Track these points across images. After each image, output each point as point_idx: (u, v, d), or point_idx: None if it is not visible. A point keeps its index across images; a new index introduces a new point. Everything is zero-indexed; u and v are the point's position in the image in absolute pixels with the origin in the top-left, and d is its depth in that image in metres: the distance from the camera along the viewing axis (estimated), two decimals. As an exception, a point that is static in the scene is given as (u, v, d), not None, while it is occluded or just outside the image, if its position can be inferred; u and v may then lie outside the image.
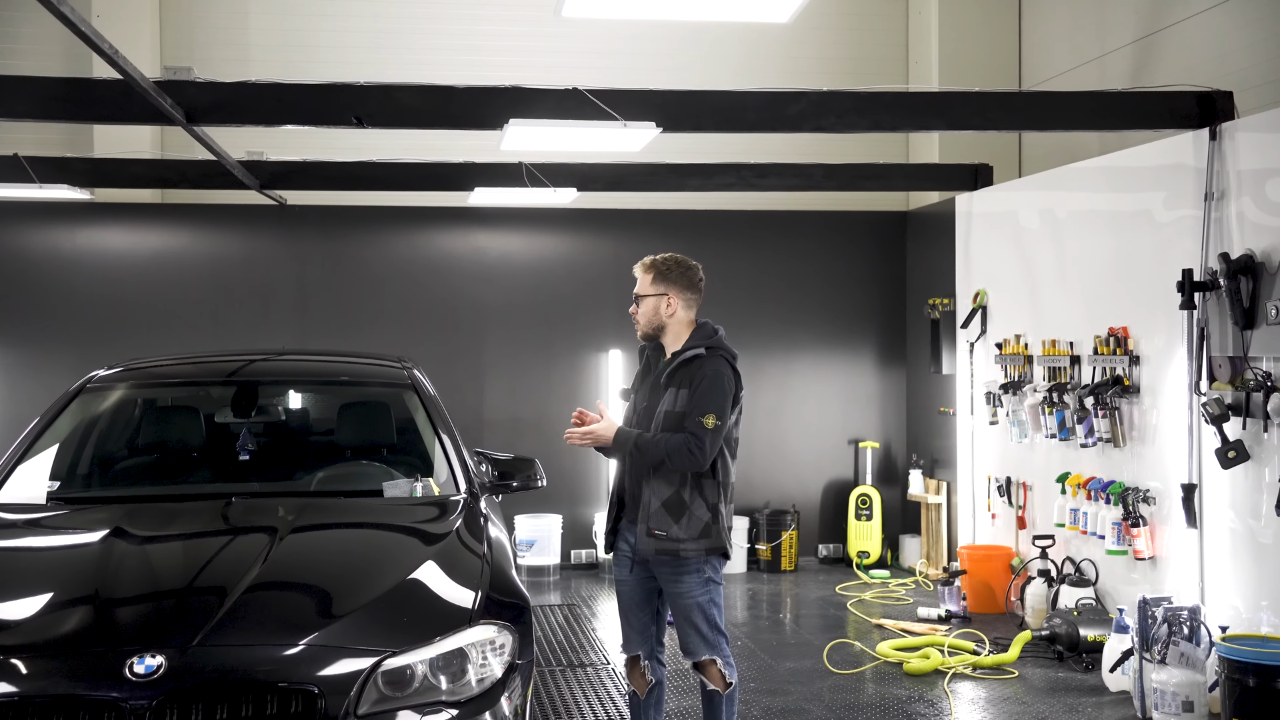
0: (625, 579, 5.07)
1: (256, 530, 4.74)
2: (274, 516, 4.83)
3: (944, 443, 9.94)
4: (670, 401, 4.86)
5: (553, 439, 10.29)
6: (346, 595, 4.14)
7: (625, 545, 5.06)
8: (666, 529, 4.83)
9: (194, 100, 6.02)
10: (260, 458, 5.68)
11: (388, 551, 4.58)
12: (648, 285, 4.98)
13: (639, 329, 5.02)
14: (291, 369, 6.34)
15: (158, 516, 4.92)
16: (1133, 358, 7.26)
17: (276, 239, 10.13)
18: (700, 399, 4.79)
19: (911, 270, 10.63)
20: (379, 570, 4.34)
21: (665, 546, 4.83)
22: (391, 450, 5.84)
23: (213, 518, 4.92)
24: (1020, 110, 6.68)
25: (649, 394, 4.99)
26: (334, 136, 9.53)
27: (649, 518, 4.85)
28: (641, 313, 4.99)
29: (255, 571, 4.20)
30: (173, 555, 4.59)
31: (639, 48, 10.16)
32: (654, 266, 4.99)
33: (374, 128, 6.26)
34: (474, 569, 4.44)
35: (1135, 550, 7.13)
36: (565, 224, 10.36)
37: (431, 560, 4.44)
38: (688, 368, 4.88)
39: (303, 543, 4.63)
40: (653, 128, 6.07)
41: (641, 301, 4.98)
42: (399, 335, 10.06)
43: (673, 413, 4.84)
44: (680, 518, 4.83)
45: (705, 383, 4.81)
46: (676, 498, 4.84)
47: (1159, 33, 8.24)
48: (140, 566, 4.37)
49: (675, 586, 4.92)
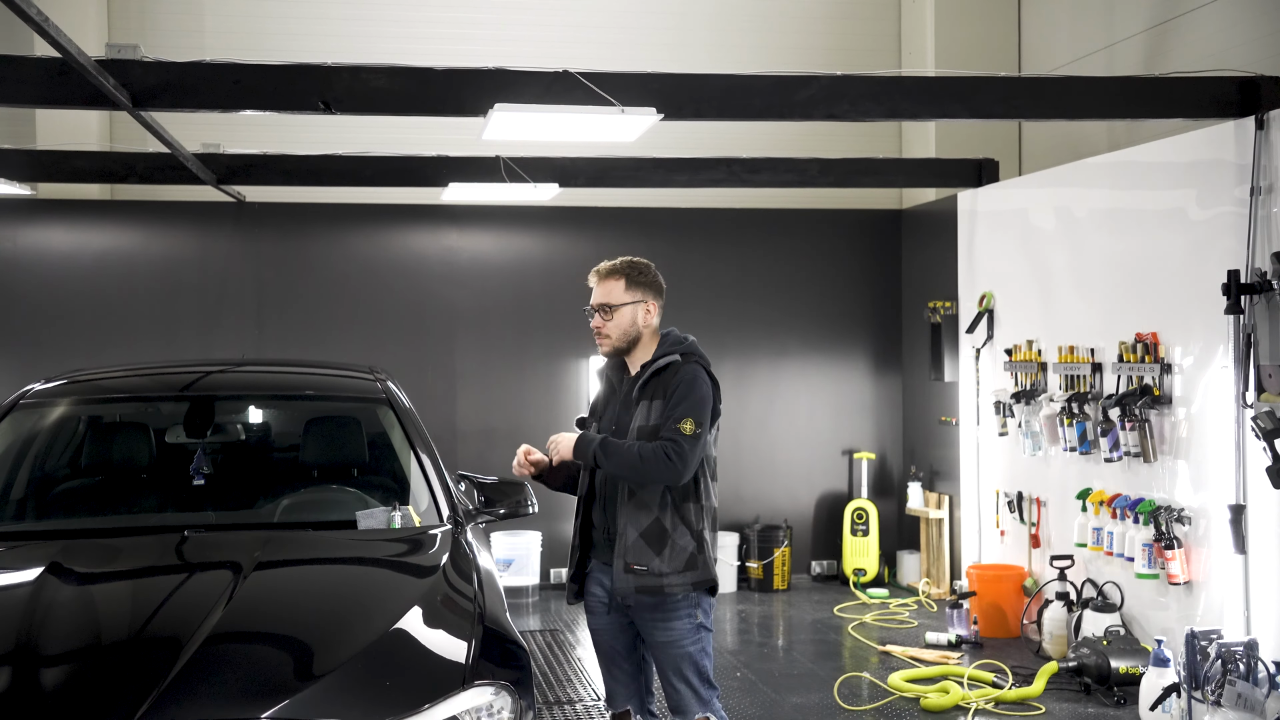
0: (602, 626, 4.49)
1: (214, 570, 4.13)
2: (233, 554, 4.21)
3: (945, 454, 9.40)
4: (643, 415, 4.31)
5: (530, 451, 9.70)
6: (321, 652, 3.54)
7: (598, 589, 4.48)
8: (647, 562, 4.26)
9: (140, 81, 5.38)
10: (216, 483, 5.04)
11: (366, 596, 3.96)
12: (621, 293, 4.40)
13: (608, 344, 4.43)
14: (251, 382, 5.69)
15: (99, 553, 4.31)
16: (1164, 366, 6.73)
17: (234, 239, 9.45)
18: (676, 405, 4.25)
19: (908, 271, 10.09)
20: (357, 620, 3.74)
21: (646, 583, 4.26)
22: (364, 473, 5.23)
23: (163, 554, 4.31)
24: (1050, 97, 6.14)
25: (618, 414, 4.42)
26: (297, 128, 8.89)
27: (626, 551, 4.27)
28: (615, 325, 4.40)
29: (213, 621, 3.60)
30: (116, 601, 3.98)
31: (623, 37, 9.56)
32: (624, 271, 4.42)
33: (342, 113, 5.64)
34: (465, 616, 3.86)
35: (1169, 574, 6.60)
36: (542, 222, 9.76)
37: (417, 606, 3.84)
38: (660, 378, 4.35)
39: (267, 587, 4.01)
40: (653, 114, 5.48)
41: (615, 312, 4.39)
42: (365, 341, 9.43)
43: (646, 427, 4.29)
44: (662, 549, 4.26)
45: (681, 388, 4.28)
46: (656, 526, 4.27)
47: (1174, 20, 7.73)
48: (76, 615, 3.75)
49: (661, 635, 4.33)
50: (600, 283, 4.43)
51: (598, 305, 4.41)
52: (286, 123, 8.92)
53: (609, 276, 4.42)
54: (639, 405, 4.34)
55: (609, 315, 4.40)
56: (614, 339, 4.40)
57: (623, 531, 4.29)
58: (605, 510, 4.41)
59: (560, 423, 9.75)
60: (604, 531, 4.41)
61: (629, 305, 4.39)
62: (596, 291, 4.43)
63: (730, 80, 5.81)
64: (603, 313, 4.41)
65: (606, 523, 4.40)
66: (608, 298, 4.40)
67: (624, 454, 4.22)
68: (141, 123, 5.96)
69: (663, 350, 4.41)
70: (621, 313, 4.39)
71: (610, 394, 4.51)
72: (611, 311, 4.39)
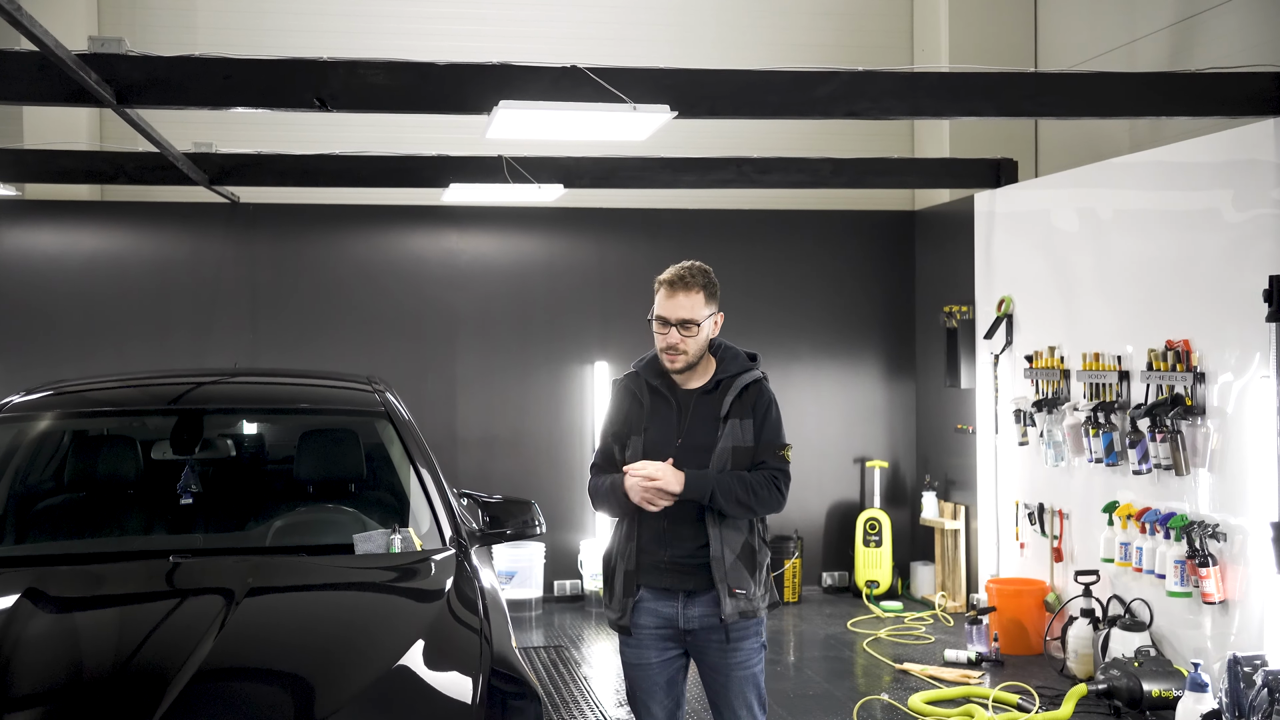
0: (651, 661, 4.16)
1: (203, 597, 3.84)
2: (222, 581, 3.93)
3: (961, 462, 9.11)
4: (736, 434, 4.05)
5: (532, 459, 9.44)
6: (321, 692, 3.27)
7: (650, 619, 4.15)
8: (745, 586, 4.05)
9: (126, 77, 5.09)
10: (205, 502, 4.74)
11: (365, 630, 3.67)
12: (703, 307, 4.07)
13: (683, 361, 4.07)
14: (242, 394, 5.37)
15: (78, 579, 4.02)
16: (1196, 374, 6.44)
17: (227, 241, 9.15)
18: (774, 430, 4.09)
19: (921, 274, 9.80)
20: (357, 657, 3.45)
21: (744, 607, 4.06)
22: (361, 492, 4.93)
23: (148, 580, 4.02)
24: (1079, 93, 5.85)
25: (686, 430, 4.11)
26: (291, 127, 8.60)
27: (726, 575, 4.02)
28: (695, 341, 4.07)
29: (202, 655, 3.32)
30: (95, 632, 3.69)
31: (626, 33, 9.26)
32: (704, 283, 4.09)
33: (339, 111, 5.35)
34: (471, 651, 3.57)
35: (1204, 593, 6.31)
36: (545, 224, 9.47)
37: (421, 641, 3.56)
38: (744, 396, 4.10)
39: (259, 618, 3.72)
40: (666, 111, 5.20)
41: (698, 328, 4.06)
42: (363, 347, 9.14)
43: (743, 448, 4.05)
44: (754, 570, 4.09)
45: (772, 409, 4.11)
46: (747, 548, 4.08)
47: (1198, 15, 7.45)
48: (52, 648, 3.47)
49: (731, 658, 4.10)
50: (679, 295, 4.05)
51: (680, 320, 4.04)
52: (281, 121, 8.65)
53: (690, 289, 4.05)
54: (728, 423, 4.06)
55: (691, 332, 4.05)
56: (690, 355, 4.08)
57: (719, 555, 4.02)
58: (670, 533, 4.08)
59: (565, 430, 9.48)
60: (665, 554, 4.09)
61: (708, 320, 4.10)
62: (673, 304, 4.04)
63: (746, 76, 5.53)
64: (684, 329, 4.04)
65: (669, 545, 4.08)
66: (692, 313, 4.04)
67: (738, 492, 3.98)
68: (128, 120, 5.68)
69: (738, 365, 4.15)
70: (703, 329, 4.08)
71: (656, 407, 4.17)
72: (696, 328, 4.06)
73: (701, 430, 4.09)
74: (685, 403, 4.14)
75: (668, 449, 4.08)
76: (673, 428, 4.13)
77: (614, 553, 4.22)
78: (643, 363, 4.26)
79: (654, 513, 4.07)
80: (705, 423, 4.09)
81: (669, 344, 4.08)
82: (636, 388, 4.21)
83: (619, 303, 9.49)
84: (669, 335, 4.07)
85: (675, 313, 4.06)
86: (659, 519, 4.08)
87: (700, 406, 4.12)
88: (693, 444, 4.07)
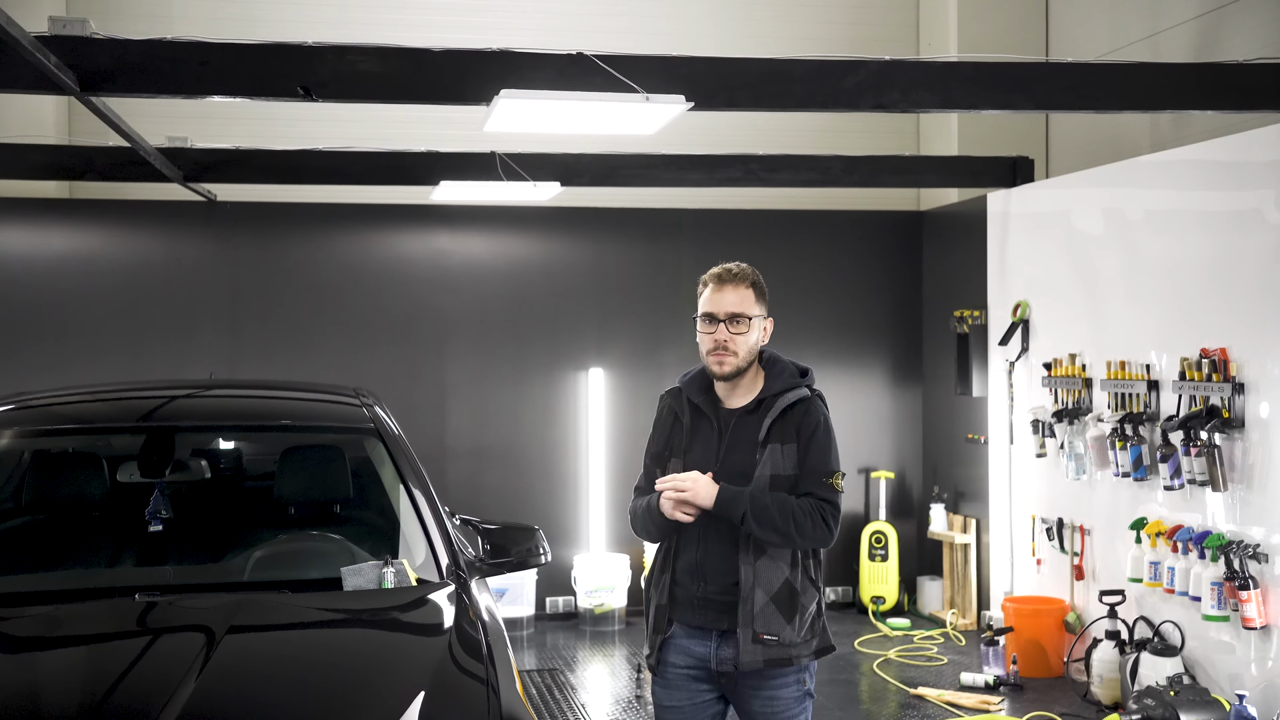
0: (680, 704, 3.76)
1: (179, 635, 3.45)
2: (200, 618, 3.53)
3: (972, 473, 8.73)
4: (777, 461, 3.64)
5: (525, 470, 9.04)
6: None
7: (681, 658, 3.75)
8: (778, 631, 3.61)
9: (91, 62, 4.65)
10: (176, 530, 4.31)
11: (363, 679, 3.26)
12: (752, 303, 3.72)
13: (732, 364, 3.68)
14: (218, 409, 4.93)
15: (36, 619, 3.61)
16: (1235, 385, 6.07)
17: (204, 241, 8.70)
18: (821, 455, 3.66)
19: (929, 278, 9.42)
20: (354, 710, 3.07)
21: (775, 655, 3.62)
22: (349, 517, 4.52)
23: (115, 619, 3.61)
24: (1126, 85, 5.44)
25: (724, 454, 3.70)
26: (272, 121, 8.19)
27: (754, 618, 3.60)
28: (745, 341, 3.69)
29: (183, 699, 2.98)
30: (61, 677, 3.32)
31: (612, 25, 8.85)
32: (754, 280, 3.76)
33: (326, 100, 4.92)
34: (477, 706, 3.19)
35: (1244, 618, 5.93)
36: (540, 224, 9.05)
37: (423, 693, 3.16)
38: (787, 417, 3.67)
39: (244, 659, 3.34)
40: (682, 102, 4.80)
41: (749, 324, 3.70)
42: (349, 352, 8.72)
43: (782, 476, 3.63)
44: (793, 615, 3.63)
45: (820, 432, 3.68)
46: (787, 589, 3.63)
47: (1226, 6, 7.09)
48: (11, 695, 3.09)
49: (762, 705, 3.69)
50: (727, 289, 3.71)
51: (729, 315, 3.68)
52: (261, 114, 8.23)
53: (740, 283, 3.72)
54: (767, 448, 3.65)
55: (742, 328, 3.68)
56: (740, 357, 3.68)
57: (748, 595, 3.60)
58: (704, 565, 3.68)
59: (559, 440, 9.07)
60: (697, 589, 3.69)
61: (758, 318, 3.72)
62: (721, 298, 3.70)
63: (767, 66, 5.12)
64: (733, 324, 3.67)
65: (700, 580, 3.69)
66: (742, 307, 3.69)
67: (774, 517, 3.56)
68: (95, 111, 5.26)
69: (784, 381, 3.73)
70: (753, 327, 3.70)
71: (698, 427, 3.77)
72: (746, 323, 3.69)
73: (740, 456, 3.69)
74: (726, 424, 3.74)
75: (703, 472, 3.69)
76: (712, 451, 3.73)
77: (649, 584, 3.84)
78: (687, 377, 3.86)
79: (690, 543, 3.68)
80: (744, 447, 3.69)
81: (716, 343, 3.69)
82: (678, 405, 3.82)
83: (617, 307, 9.09)
84: (717, 333, 3.69)
85: (724, 307, 3.69)
86: (694, 549, 3.69)
87: (740, 429, 3.72)
88: (730, 470, 3.66)
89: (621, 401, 9.11)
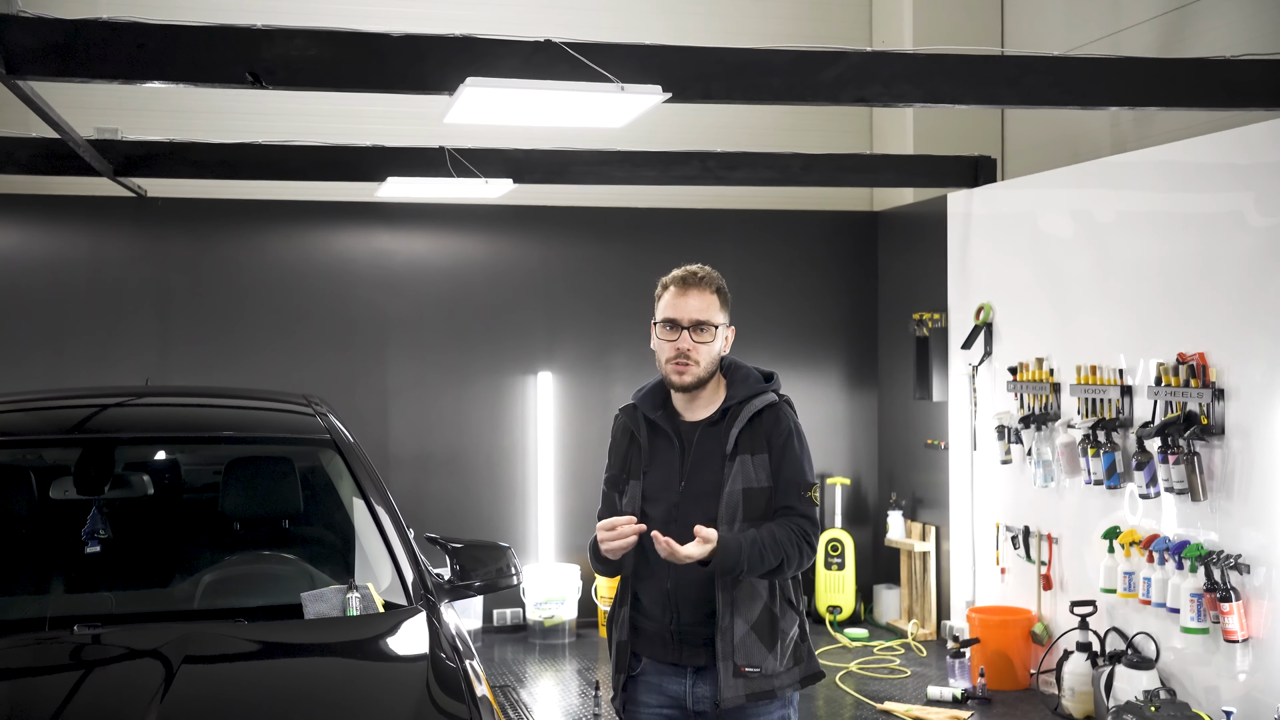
0: None
1: (124, 682, 3.10)
2: (145, 657, 3.18)
3: (931, 479, 8.54)
4: (748, 474, 3.37)
5: (470, 478, 8.72)
6: None
7: (652, 697, 3.47)
8: (759, 662, 3.34)
9: (15, 42, 4.26)
10: (118, 552, 3.95)
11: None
12: (716, 310, 3.44)
13: (692, 375, 3.41)
14: (162, 419, 4.53)
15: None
16: (1215, 391, 5.91)
17: (134, 239, 8.26)
18: (796, 466, 3.40)
19: (886, 280, 9.23)
20: None
21: (758, 688, 3.35)
22: (305, 536, 4.18)
23: (52, 655, 3.25)
24: (1119, 82, 5.24)
25: (689, 472, 3.42)
26: (208, 113, 7.82)
27: (734, 650, 3.32)
28: (709, 350, 3.42)
29: None
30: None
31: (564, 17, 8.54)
32: (718, 284, 3.48)
33: (276, 87, 4.58)
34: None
35: (1226, 630, 5.78)
36: (487, 223, 8.72)
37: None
38: (755, 425, 3.40)
39: (206, 689, 3.01)
40: (658, 92, 4.52)
41: (715, 332, 3.42)
42: (286, 357, 8.33)
43: (756, 489, 3.36)
44: (774, 643, 3.36)
45: (792, 441, 3.41)
46: (766, 615, 3.36)
47: (1191, 4, 6.96)
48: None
49: None
50: (691, 293, 3.42)
51: (693, 322, 3.40)
52: (196, 107, 7.83)
53: (705, 288, 3.43)
54: (735, 460, 3.37)
55: (707, 336, 3.40)
56: (703, 367, 3.41)
57: (727, 626, 3.33)
58: (673, 595, 3.39)
59: (506, 447, 8.75)
60: (668, 623, 3.41)
61: (722, 327, 3.45)
62: (686, 304, 3.41)
63: (745, 56, 4.85)
64: (697, 332, 3.40)
65: (673, 612, 3.40)
66: (707, 313, 3.41)
67: (769, 558, 3.28)
68: (20, 96, 4.85)
69: (748, 387, 3.45)
70: (717, 336, 3.43)
71: (656, 445, 3.49)
72: (712, 332, 3.41)
73: (707, 471, 3.41)
74: (689, 438, 3.46)
75: (670, 494, 3.40)
76: (675, 470, 3.44)
77: (610, 619, 3.55)
78: (642, 392, 3.57)
79: (656, 572, 3.39)
80: (710, 462, 3.41)
81: (678, 351, 3.40)
82: (633, 424, 3.53)
83: (567, 310, 8.79)
84: (679, 340, 3.40)
85: (687, 313, 3.40)
86: (662, 578, 3.39)
87: (705, 441, 3.44)
88: (698, 488, 3.38)
89: (571, 406, 8.82)
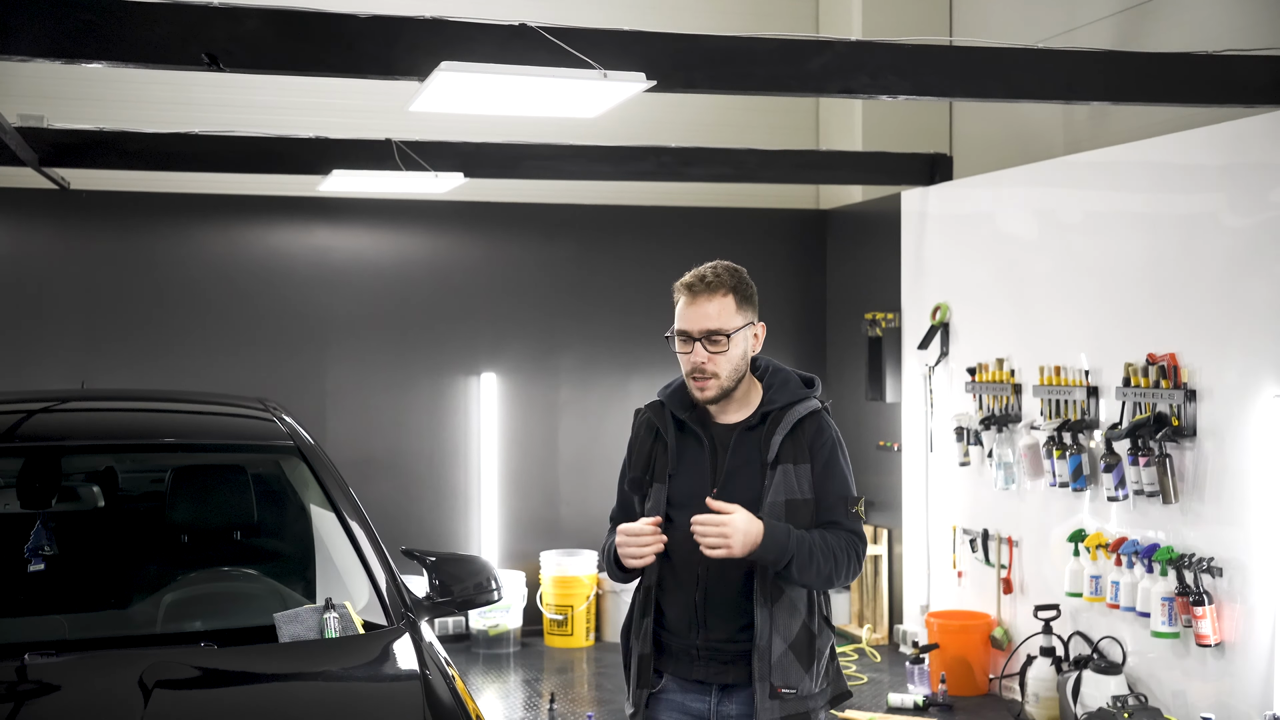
0: None
1: (89, 704, 2.81)
2: (112, 687, 2.90)
3: (882, 482, 8.42)
4: (790, 485, 3.14)
5: (411, 481, 8.42)
6: None
7: (677, 715, 3.23)
8: (796, 683, 3.13)
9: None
10: (67, 571, 3.64)
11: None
12: (732, 314, 3.17)
13: (715, 388, 3.16)
14: (115, 425, 4.20)
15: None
16: (1187, 392, 5.84)
17: (57, 235, 7.86)
18: (843, 479, 3.19)
19: (835, 279, 9.10)
20: None
21: (793, 710, 3.14)
22: (271, 551, 3.91)
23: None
24: (1117, 75, 5.11)
25: (724, 478, 3.19)
26: (140, 102, 7.47)
27: (771, 670, 3.10)
28: (728, 360, 3.16)
29: None
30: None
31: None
32: (733, 284, 3.19)
33: (232, 70, 4.29)
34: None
35: (1199, 635, 5.70)
36: (432, 219, 8.43)
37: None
38: (798, 434, 3.18)
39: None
40: (642, 79, 4.31)
41: (729, 341, 3.16)
42: (219, 357, 7.99)
43: (798, 502, 3.13)
44: (811, 662, 3.16)
45: (838, 453, 3.20)
46: (805, 634, 3.15)
47: (1151, 1, 6.91)
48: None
49: None
50: (702, 301, 3.17)
51: (705, 332, 3.14)
52: (127, 95, 7.47)
53: (716, 291, 3.17)
54: (776, 470, 3.14)
55: (721, 346, 3.15)
56: (724, 378, 3.16)
57: (765, 645, 3.10)
58: (701, 608, 3.17)
59: (449, 450, 8.47)
60: (697, 637, 3.18)
61: (741, 331, 3.18)
62: (695, 312, 3.16)
63: (728, 44, 4.65)
64: (711, 343, 3.14)
65: (703, 625, 3.17)
66: (720, 322, 3.14)
67: (819, 558, 3.06)
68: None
69: (789, 392, 3.23)
70: (735, 342, 3.16)
71: (685, 446, 3.25)
72: (726, 340, 3.15)
73: (743, 478, 3.18)
74: (723, 442, 3.22)
75: (699, 501, 3.13)
76: (706, 475, 3.21)
77: (626, 630, 3.31)
78: (669, 389, 3.33)
79: (685, 583, 3.17)
80: (748, 469, 3.18)
81: (694, 365, 3.16)
82: (660, 421, 3.29)
83: (512, 309, 8.53)
84: (694, 354, 3.16)
85: (698, 323, 3.15)
86: (691, 589, 3.17)
87: (741, 447, 3.21)
88: (733, 497, 3.11)
89: (515, 408, 8.56)
